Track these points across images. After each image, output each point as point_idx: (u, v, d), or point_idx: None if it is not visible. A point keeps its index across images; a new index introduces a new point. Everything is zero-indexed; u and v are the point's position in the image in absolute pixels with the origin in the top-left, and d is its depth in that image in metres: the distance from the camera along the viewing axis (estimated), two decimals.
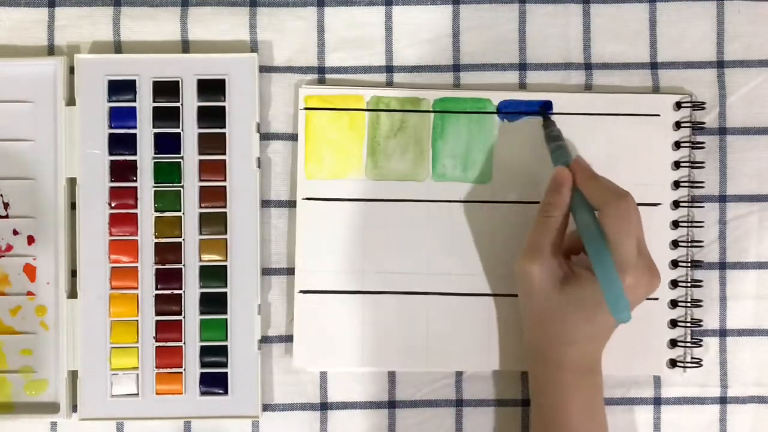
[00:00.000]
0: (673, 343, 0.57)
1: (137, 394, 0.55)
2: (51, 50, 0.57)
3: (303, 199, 0.56)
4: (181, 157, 0.56)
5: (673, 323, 0.57)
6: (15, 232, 0.56)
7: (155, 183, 0.56)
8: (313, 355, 0.56)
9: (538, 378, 0.52)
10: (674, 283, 0.57)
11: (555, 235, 0.50)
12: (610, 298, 0.47)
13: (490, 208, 0.56)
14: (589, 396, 0.51)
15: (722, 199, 0.58)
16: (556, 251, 0.51)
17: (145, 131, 0.56)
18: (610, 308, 0.46)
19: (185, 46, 0.57)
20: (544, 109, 0.57)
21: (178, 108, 0.56)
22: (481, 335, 0.56)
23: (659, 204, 0.57)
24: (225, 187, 0.56)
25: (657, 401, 0.57)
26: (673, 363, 0.57)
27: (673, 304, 0.57)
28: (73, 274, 0.56)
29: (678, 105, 0.57)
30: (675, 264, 0.57)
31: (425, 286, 0.56)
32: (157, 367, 0.55)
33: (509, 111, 0.57)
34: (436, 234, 0.56)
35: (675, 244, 0.57)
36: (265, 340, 0.57)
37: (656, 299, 0.56)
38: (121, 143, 0.55)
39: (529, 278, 0.50)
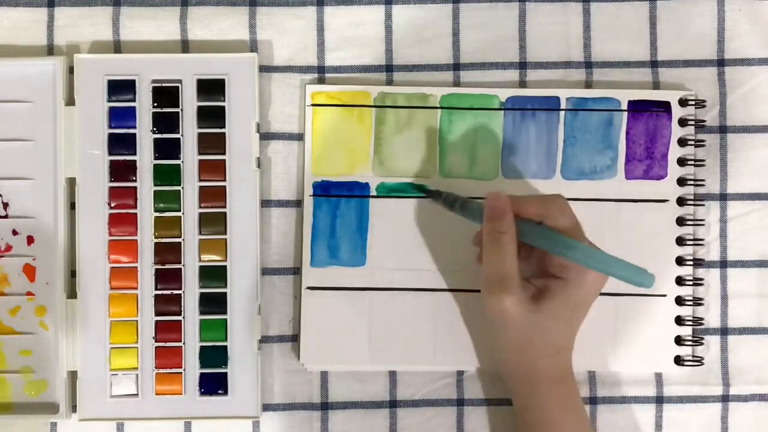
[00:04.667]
0: (678, 341, 0.57)
1: (137, 394, 0.55)
2: (50, 50, 0.57)
3: (310, 195, 0.56)
4: (181, 158, 0.55)
5: (678, 320, 0.57)
6: (15, 232, 0.56)
7: (155, 183, 0.55)
8: (320, 352, 0.56)
9: (523, 397, 0.52)
10: (679, 280, 0.57)
11: (515, 259, 0.49)
12: (626, 273, 0.46)
13: None
14: (574, 402, 0.52)
15: (723, 197, 0.58)
16: (519, 275, 0.49)
17: (144, 131, 0.55)
18: (634, 281, 0.46)
19: (185, 46, 0.57)
20: (548, 106, 0.56)
21: (177, 112, 0.55)
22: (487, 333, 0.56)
23: (666, 201, 0.57)
24: (225, 187, 0.55)
25: (659, 400, 0.57)
26: (677, 360, 0.57)
27: (678, 301, 0.57)
28: (73, 274, 0.56)
29: (681, 102, 0.57)
30: (680, 261, 0.57)
31: (433, 283, 0.56)
32: (156, 368, 0.55)
33: (516, 107, 0.57)
34: (444, 230, 0.56)
35: (679, 241, 0.57)
36: (265, 340, 0.57)
37: (664, 296, 0.56)
38: (121, 143, 0.55)
39: (504, 311, 0.48)
